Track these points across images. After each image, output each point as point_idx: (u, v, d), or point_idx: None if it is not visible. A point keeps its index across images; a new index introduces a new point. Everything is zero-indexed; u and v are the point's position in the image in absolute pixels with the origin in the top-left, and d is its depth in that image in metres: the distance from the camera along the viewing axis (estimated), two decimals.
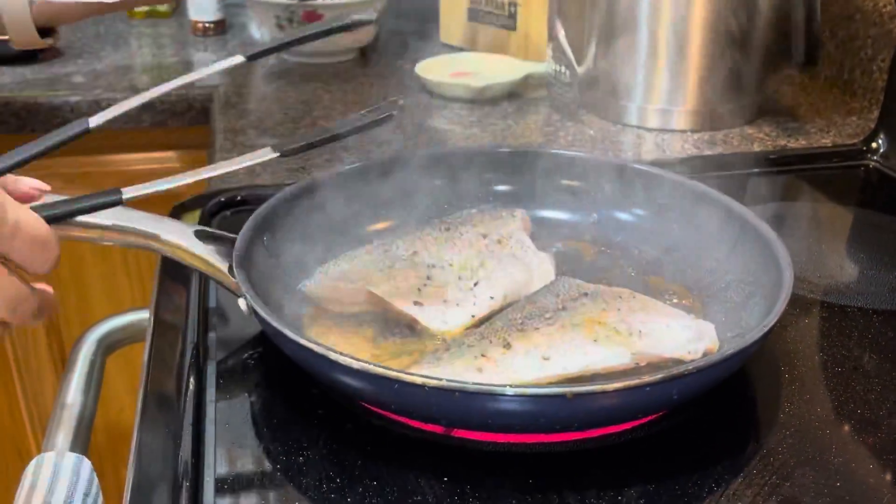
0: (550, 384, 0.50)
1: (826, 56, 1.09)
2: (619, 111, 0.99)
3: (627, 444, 0.50)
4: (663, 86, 0.96)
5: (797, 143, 0.93)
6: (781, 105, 1.05)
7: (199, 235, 0.57)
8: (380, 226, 0.69)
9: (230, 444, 0.50)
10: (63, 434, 0.61)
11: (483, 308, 0.59)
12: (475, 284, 0.61)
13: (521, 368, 0.51)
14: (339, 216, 0.66)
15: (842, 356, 0.59)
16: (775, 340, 0.60)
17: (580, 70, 1.00)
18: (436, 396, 0.46)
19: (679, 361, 0.52)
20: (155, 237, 0.56)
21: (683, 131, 0.96)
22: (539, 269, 0.63)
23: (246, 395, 0.55)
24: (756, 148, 0.92)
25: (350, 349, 0.53)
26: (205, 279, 0.64)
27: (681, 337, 0.54)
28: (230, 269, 0.56)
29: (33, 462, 0.56)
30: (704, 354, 0.53)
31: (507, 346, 0.53)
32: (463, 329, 0.58)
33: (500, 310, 0.59)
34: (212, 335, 0.60)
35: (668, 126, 0.96)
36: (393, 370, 0.47)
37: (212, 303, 0.64)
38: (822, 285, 0.67)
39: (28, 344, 1.17)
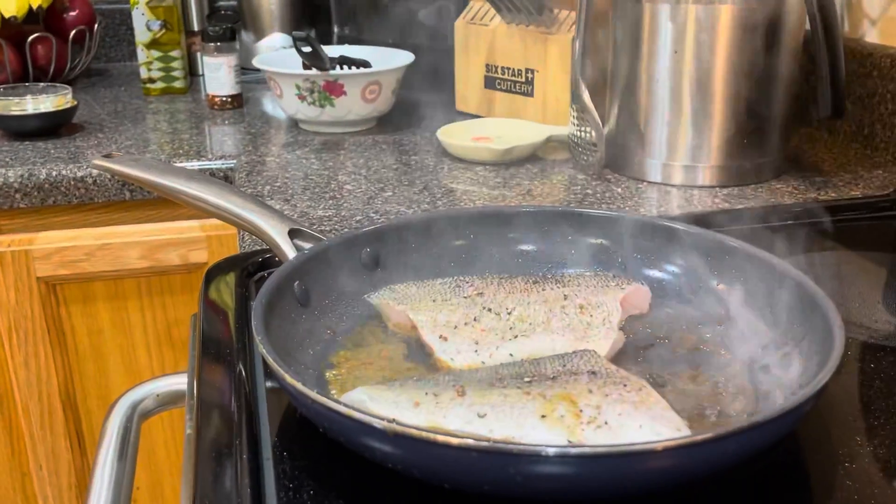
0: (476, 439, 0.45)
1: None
2: (643, 168, 0.99)
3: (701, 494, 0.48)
4: (687, 142, 0.96)
5: (827, 196, 0.93)
6: (805, 161, 1.05)
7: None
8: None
9: None
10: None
11: (496, 360, 0.59)
12: (514, 337, 0.60)
13: (451, 415, 0.49)
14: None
15: None
16: (845, 387, 0.58)
17: (604, 130, 1.00)
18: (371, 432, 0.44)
19: None
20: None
21: (711, 187, 0.96)
22: (592, 344, 0.59)
23: (306, 455, 0.52)
24: (787, 200, 0.92)
25: (367, 360, 0.59)
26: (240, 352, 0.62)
27: (641, 440, 0.47)
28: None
29: None
30: None
31: (462, 393, 0.51)
32: (467, 367, 0.58)
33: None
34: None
35: (694, 182, 0.97)
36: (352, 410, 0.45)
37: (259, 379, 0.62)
38: (884, 331, 0.66)
39: (45, 419, 1.14)
